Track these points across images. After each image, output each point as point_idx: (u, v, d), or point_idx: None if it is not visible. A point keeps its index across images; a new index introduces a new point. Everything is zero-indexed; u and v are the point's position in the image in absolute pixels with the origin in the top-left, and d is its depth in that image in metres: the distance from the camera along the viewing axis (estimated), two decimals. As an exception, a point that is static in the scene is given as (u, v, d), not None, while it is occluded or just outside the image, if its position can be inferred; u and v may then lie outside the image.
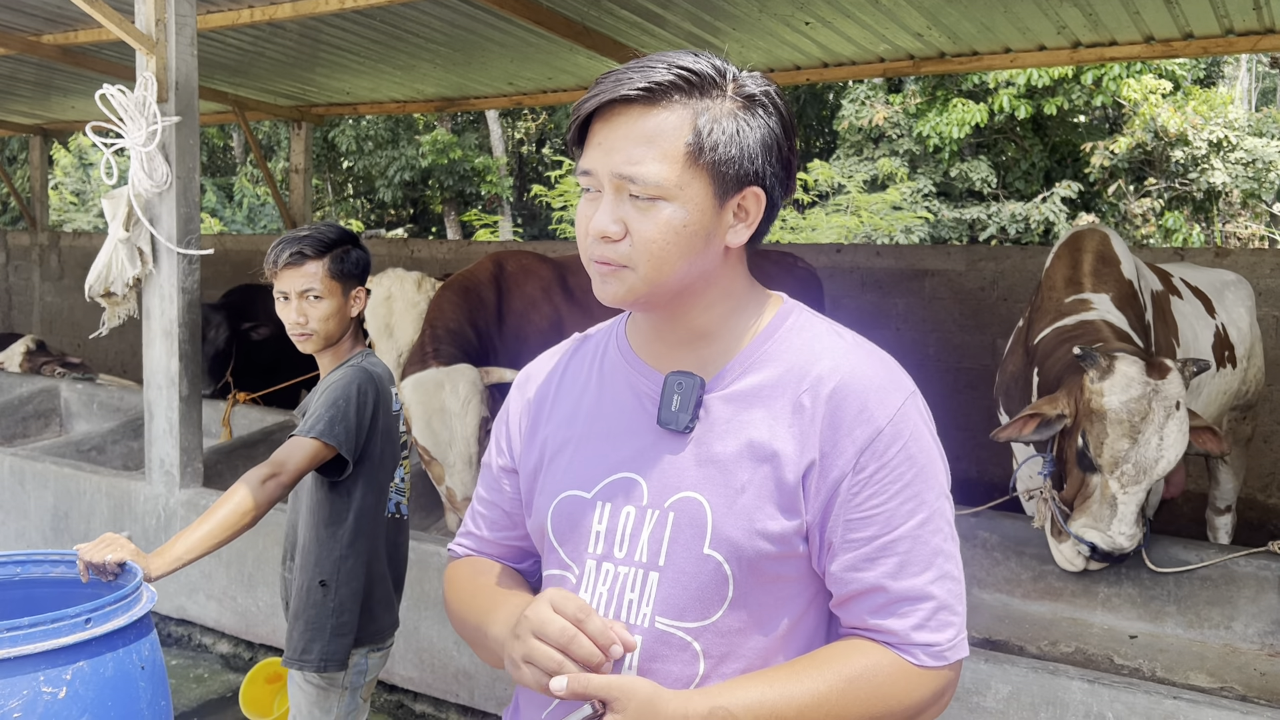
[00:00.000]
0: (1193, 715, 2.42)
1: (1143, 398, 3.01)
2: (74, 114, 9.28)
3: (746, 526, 1.19)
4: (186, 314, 4.16)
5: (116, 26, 4.01)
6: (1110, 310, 3.53)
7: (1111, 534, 3.10)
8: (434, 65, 6.78)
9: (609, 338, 1.36)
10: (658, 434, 1.24)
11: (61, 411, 6.17)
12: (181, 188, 4.07)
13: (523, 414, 1.39)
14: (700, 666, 1.21)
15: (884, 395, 1.19)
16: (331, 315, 2.47)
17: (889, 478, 1.17)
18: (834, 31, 5.60)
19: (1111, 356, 3.08)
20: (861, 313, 6.82)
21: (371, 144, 15.56)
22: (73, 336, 10.49)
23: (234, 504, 2.23)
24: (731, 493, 1.19)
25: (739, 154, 1.17)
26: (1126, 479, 3.06)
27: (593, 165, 1.18)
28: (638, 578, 1.22)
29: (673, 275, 1.18)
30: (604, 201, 1.18)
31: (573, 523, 1.27)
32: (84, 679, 1.68)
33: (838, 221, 13.21)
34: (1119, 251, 3.77)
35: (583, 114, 1.18)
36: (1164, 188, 13.30)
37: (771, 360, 1.24)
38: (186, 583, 4.20)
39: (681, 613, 1.21)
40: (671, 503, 1.22)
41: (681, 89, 1.15)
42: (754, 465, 1.19)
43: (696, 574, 1.20)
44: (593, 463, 1.28)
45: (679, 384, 1.23)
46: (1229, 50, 5.62)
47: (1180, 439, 3.02)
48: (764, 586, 1.21)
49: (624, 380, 1.30)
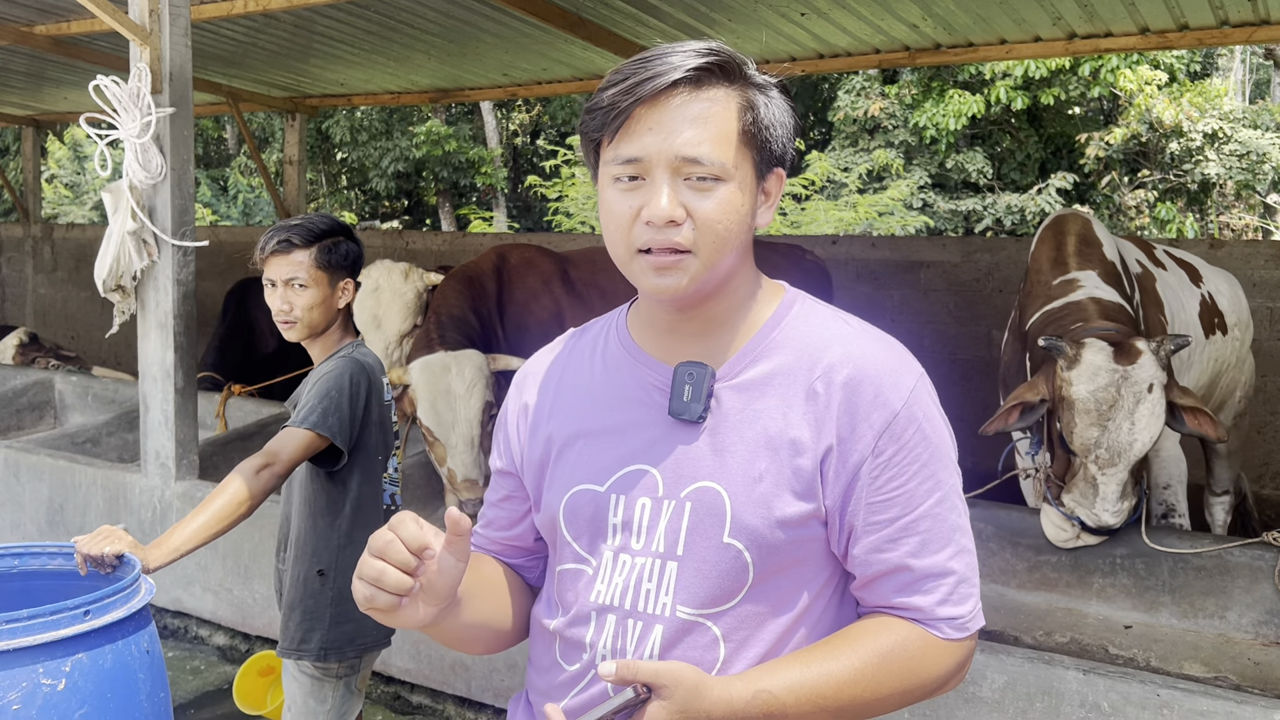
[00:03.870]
0: (1187, 705, 2.44)
1: (1109, 385, 3.01)
2: (67, 105, 9.24)
3: (765, 514, 1.20)
4: (181, 306, 4.14)
5: (110, 17, 3.99)
6: (1099, 285, 3.52)
7: (1096, 511, 3.14)
8: (428, 56, 6.76)
9: (607, 331, 1.36)
10: (669, 425, 1.24)
11: (56, 404, 6.15)
12: (176, 179, 4.06)
13: (520, 415, 1.38)
14: (721, 651, 1.22)
15: (897, 379, 1.21)
16: (316, 305, 2.47)
17: (907, 459, 1.20)
18: (829, 23, 5.59)
19: (1079, 344, 3.08)
20: (857, 304, 6.76)
21: (366, 135, 15.53)
22: (66, 329, 10.46)
23: (229, 494, 2.24)
24: (749, 481, 1.20)
25: (777, 135, 1.21)
26: (1102, 462, 3.08)
27: (645, 151, 1.15)
28: (656, 568, 1.23)
29: (727, 259, 1.19)
30: (661, 186, 1.15)
31: (587, 516, 1.27)
32: (83, 671, 1.68)
33: (835, 215, 13.21)
34: (1100, 234, 3.79)
35: (637, 96, 1.15)
36: (1158, 179, 13.33)
37: (780, 348, 1.25)
38: (182, 575, 4.20)
39: (702, 601, 1.22)
40: (688, 493, 1.22)
41: (717, 74, 1.17)
42: (770, 453, 1.20)
43: (717, 562, 1.21)
44: (603, 456, 1.27)
45: (690, 374, 1.23)
46: (1224, 42, 5.62)
47: (1153, 421, 3.02)
48: (782, 571, 1.23)
49: (629, 373, 1.30)
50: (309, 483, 2.52)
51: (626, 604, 1.23)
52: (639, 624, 1.23)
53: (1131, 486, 3.17)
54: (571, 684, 1.28)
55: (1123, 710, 2.50)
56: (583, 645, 1.27)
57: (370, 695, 3.77)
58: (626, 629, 1.23)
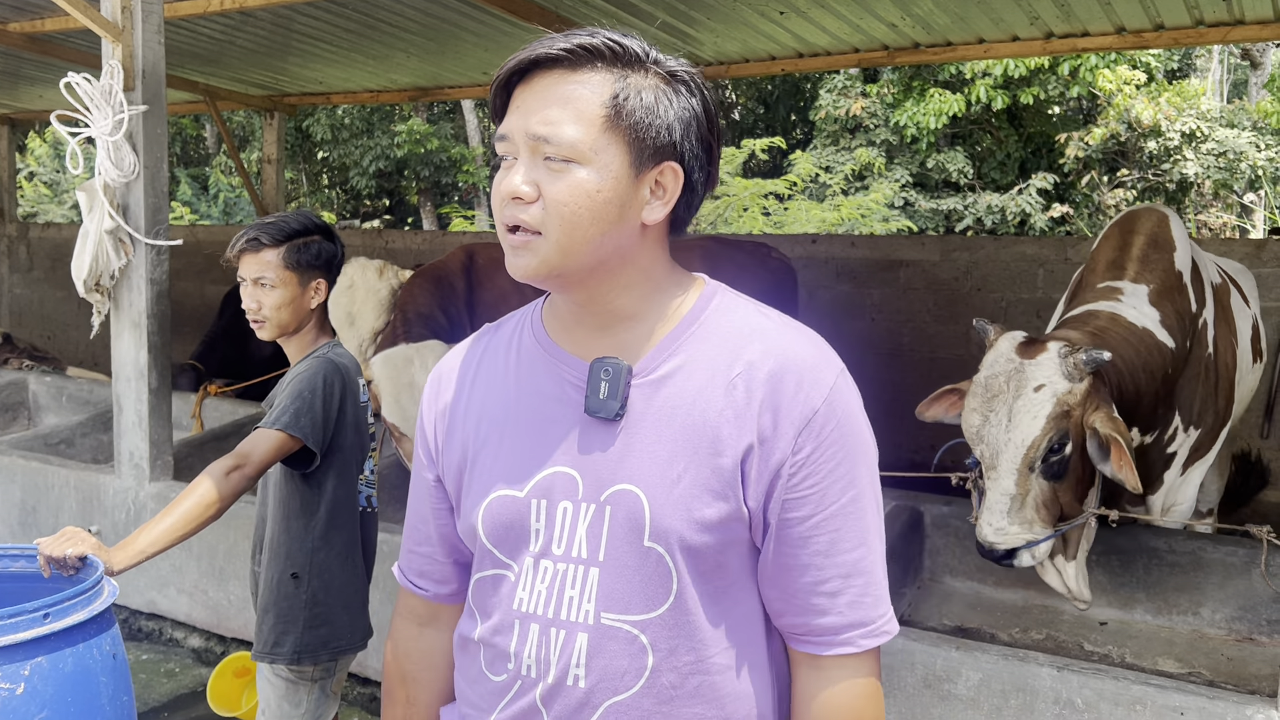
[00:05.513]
0: (1160, 700, 2.45)
1: (1000, 374, 2.83)
2: (42, 103, 9.15)
3: (685, 516, 1.16)
4: (155, 305, 4.11)
5: (82, 14, 3.95)
6: (1140, 303, 3.21)
7: (980, 524, 2.84)
8: (408, 54, 6.73)
9: (522, 326, 1.31)
10: (586, 423, 1.20)
11: (30, 404, 6.09)
12: (149, 177, 4.02)
13: (438, 419, 1.33)
14: (649, 659, 1.19)
15: (818, 375, 1.18)
16: (284, 305, 2.45)
17: (824, 456, 1.17)
18: (809, 22, 5.59)
19: (1000, 331, 2.94)
20: (836, 303, 6.83)
21: (346, 134, 15.44)
22: (42, 329, 10.36)
23: (198, 496, 2.21)
24: (667, 483, 1.17)
25: (658, 125, 1.15)
26: (985, 462, 2.86)
27: (509, 129, 1.15)
28: (578, 574, 1.19)
29: (586, 246, 1.15)
30: (519, 164, 1.15)
31: (507, 522, 1.23)
32: (42, 675, 1.65)
33: (818, 215, 13.23)
34: (1176, 236, 3.41)
35: (503, 75, 1.16)
36: (1137, 178, 13.41)
37: (700, 343, 1.21)
38: (157, 576, 4.16)
39: (626, 606, 1.18)
40: (608, 496, 1.19)
41: (605, 57, 1.14)
42: (689, 453, 1.17)
43: (639, 567, 1.18)
44: (521, 458, 1.23)
45: (606, 370, 1.19)
46: (1199, 41, 5.65)
47: (1031, 422, 2.74)
48: (707, 576, 1.19)
49: (544, 369, 1.25)
50: (284, 485, 2.50)
51: (549, 612, 1.20)
52: (562, 632, 1.20)
53: (1034, 514, 2.80)
54: (500, 694, 1.25)
55: (1096, 707, 2.51)
56: (507, 655, 1.23)
57: (346, 697, 3.75)
58: (550, 637, 1.20)
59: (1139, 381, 3.02)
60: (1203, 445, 3.43)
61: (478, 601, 1.29)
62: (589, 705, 1.19)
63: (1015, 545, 2.79)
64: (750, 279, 5.09)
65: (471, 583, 1.30)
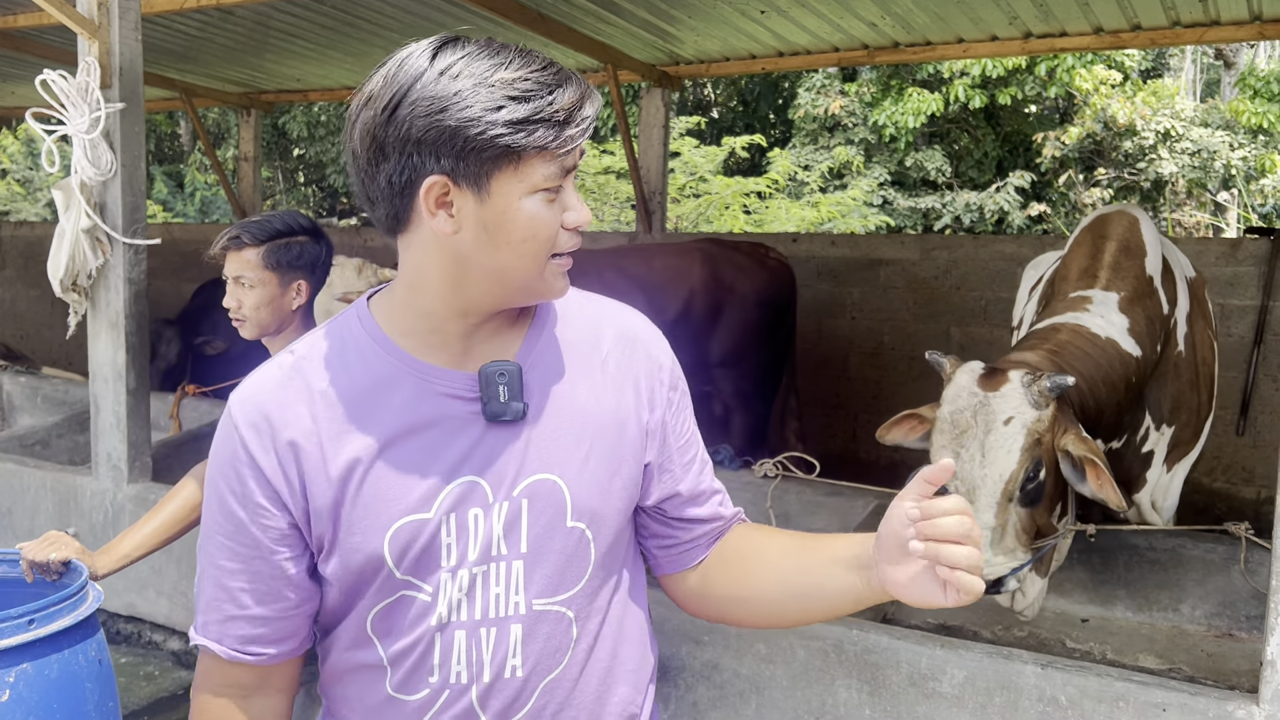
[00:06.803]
0: (1142, 697, 2.47)
1: (966, 409, 2.75)
2: (15, 100, 9.04)
3: (602, 491, 1.28)
4: (133, 305, 4.07)
5: (57, 10, 3.90)
6: (1109, 312, 3.17)
7: None
8: (386, 52, 6.63)
9: (359, 352, 1.24)
10: (483, 429, 1.23)
11: (4, 405, 6.01)
12: (127, 176, 3.98)
13: (283, 460, 1.20)
14: (574, 631, 1.29)
15: (657, 336, 1.40)
16: (264, 304, 2.44)
17: (683, 401, 1.41)
18: (789, 21, 5.60)
19: (957, 364, 2.86)
20: (817, 302, 6.85)
21: (323, 131, 15.35)
22: (15, 329, 10.24)
23: (182, 499, 2.20)
24: (580, 463, 1.27)
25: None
26: (961, 496, 2.73)
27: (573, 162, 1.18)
28: (500, 571, 1.24)
29: None
30: (576, 195, 1.20)
31: (421, 546, 1.21)
32: (28, 681, 1.63)
33: (796, 213, 13.26)
34: (1147, 240, 3.38)
35: (586, 121, 1.16)
36: (1113, 177, 13.52)
37: (564, 328, 1.32)
38: (136, 579, 4.12)
39: (555, 588, 1.27)
40: (521, 490, 1.24)
41: None
42: (593, 431, 1.28)
43: (563, 549, 1.26)
44: (417, 480, 1.21)
45: (501, 374, 1.23)
46: (1176, 42, 5.71)
47: (1005, 456, 2.67)
48: (614, 544, 1.32)
49: (415, 389, 1.22)
50: (265, 485, 2.48)
51: (475, 615, 1.23)
52: (493, 630, 1.24)
53: (1015, 541, 2.75)
54: (421, 710, 1.25)
55: (1080, 703, 2.53)
56: (429, 669, 1.24)
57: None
58: (480, 638, 1.24)
59: (1099, 395, 2.98)
60: (1184, 441, 3.46)
61: (379, 628, 1.25)
62: (525, 691, 1.26)
63: (1001, 574, 2.75)
64: (749, 279, 5.11)
65: (370, 614, 1.25)
